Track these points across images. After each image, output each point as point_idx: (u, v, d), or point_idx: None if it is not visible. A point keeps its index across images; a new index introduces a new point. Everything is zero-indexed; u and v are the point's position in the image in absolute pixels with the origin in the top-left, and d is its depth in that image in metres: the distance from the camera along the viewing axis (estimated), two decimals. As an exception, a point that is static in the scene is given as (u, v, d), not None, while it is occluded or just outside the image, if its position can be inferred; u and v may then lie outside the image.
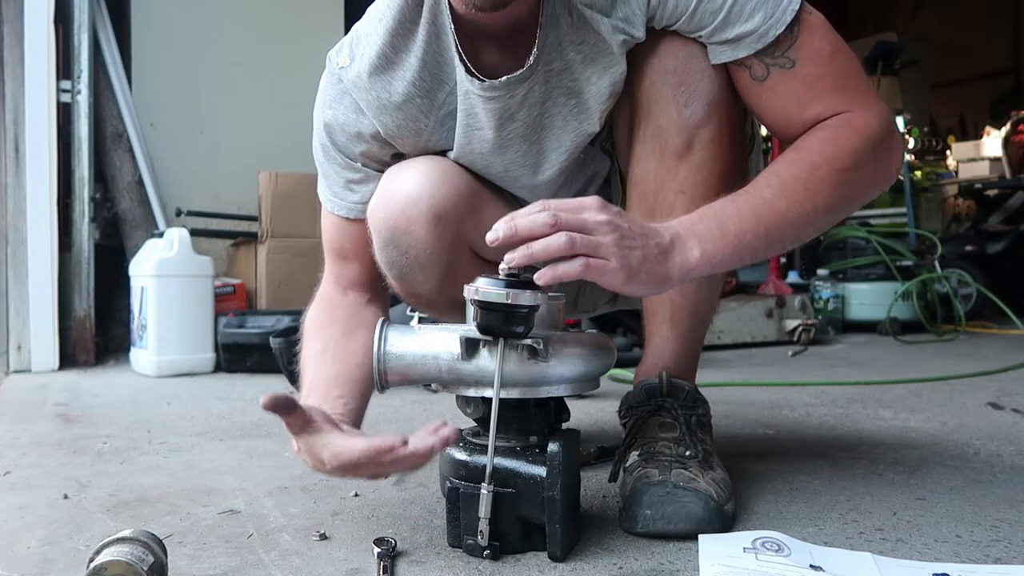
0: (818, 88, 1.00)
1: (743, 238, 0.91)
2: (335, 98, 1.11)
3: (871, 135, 0.98)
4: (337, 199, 1.16)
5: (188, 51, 3.59)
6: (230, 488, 1.23)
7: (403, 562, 0.90)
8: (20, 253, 2.74)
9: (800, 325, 3.49)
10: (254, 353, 2.65)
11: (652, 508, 0.96)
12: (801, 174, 0.95)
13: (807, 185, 0.94)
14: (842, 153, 0.96)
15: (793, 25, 0.98)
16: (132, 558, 0.76)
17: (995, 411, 1.83)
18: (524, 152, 1.10)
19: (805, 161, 0.96)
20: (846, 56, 1.02)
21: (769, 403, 1.97)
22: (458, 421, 1.01)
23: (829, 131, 0.98)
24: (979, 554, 0.91)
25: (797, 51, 0.99)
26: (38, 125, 2.76)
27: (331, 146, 1.13)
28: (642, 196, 1.09)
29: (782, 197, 0.93)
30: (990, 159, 5.58)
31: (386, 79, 1.06)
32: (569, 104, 1.06)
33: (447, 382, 0.93)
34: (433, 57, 1.05)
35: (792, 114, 1.01)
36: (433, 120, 1.09)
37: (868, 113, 0.99)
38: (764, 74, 1.01)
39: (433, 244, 1.07)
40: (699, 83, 1.03)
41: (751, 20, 0.97)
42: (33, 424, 1.78)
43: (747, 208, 0.92)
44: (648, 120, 1.06)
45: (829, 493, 1.15)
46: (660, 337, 1.13)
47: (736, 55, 1.00)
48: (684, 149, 1.04)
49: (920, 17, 8.37)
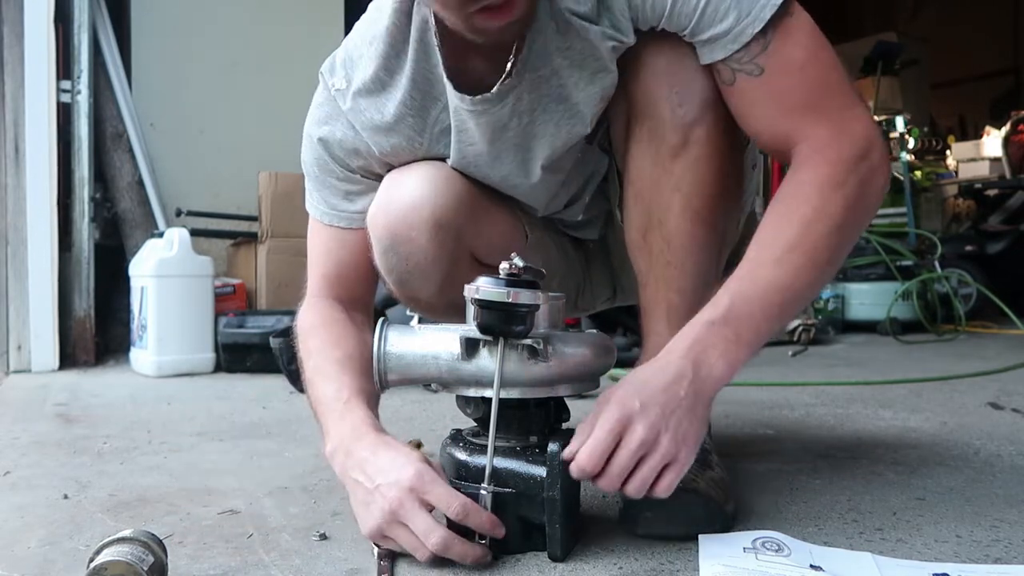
0: (787, 104, 0.97)
1: (759, 330, 0.91)
2: (331, 116, 1.11)
3: (848, 163, 0.93)
4: (334, 211, 1.16)
5: (188, 51, 3.59)
6: (230, 488, 1.23)
7: (403, 562, 0.90)
8: (20, 253, 2.74)
9: (800, 325, 3.49)
10: (254, 353, 2.65)
11: (652, 510, 0.95)
12: (795, 239, 0.92)
13: (805, 248, 0.92)
14: (829, 199, 0.92)
15: (767, 29, 0.94)
16: (132, 558, 0.76)
17: (995, 411, 1.83)
18: (519, 160, 1.10)
19: (797, 222, 0.93)
20: (823, 65, 0.97)
21: (769, 403, 1.97)
22: (458, 421, 1.01)
23: (807, 174, 0.95)
24: (979, 554, 0.91)
25: (767, 57, 0.95)
26: (38, 125, 2.76)
27: (328, 159, 1.13)
28: (638, 194, 1.09)
29: (785, 271, 0.92)
30: (990, 159, 5.57)
31: (380, 101, 1.07)
32: (559, 110, 1.05)
33: (447, 382, 0.93)
34: (423, 75, 1.04)
35: (761, 127, 1.00)
36: (427, 138, 1.08)
37: (841, 136, 0.94)
38: (731, 79, 0.98)
39: (434, 251, 1.07)
40: (691, 83, 1.01)
41: (724, 21, 0.94)
42: (33, 424, 1.78)
43: (755, 296, 0.91)
44: (643, 120, 1.06)
45: (829, 493, 1.15)
46: (657, 336, 1.13)
47: (713, 57, 0.98)
48: (679, 147, 1.04)
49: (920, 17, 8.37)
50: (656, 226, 1.08)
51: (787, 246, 0.92)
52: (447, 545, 0.86)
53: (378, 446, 0.93)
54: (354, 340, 1.10)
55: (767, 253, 0.93)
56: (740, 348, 0.90)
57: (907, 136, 4.78)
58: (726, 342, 0.90)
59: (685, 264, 1.09)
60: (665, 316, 1.11)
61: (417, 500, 0.87)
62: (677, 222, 1.07)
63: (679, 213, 1.06)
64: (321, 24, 3.80)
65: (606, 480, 0.85)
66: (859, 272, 4.14)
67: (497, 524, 0.88)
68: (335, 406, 1.00)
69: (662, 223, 1.08)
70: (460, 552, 0.87)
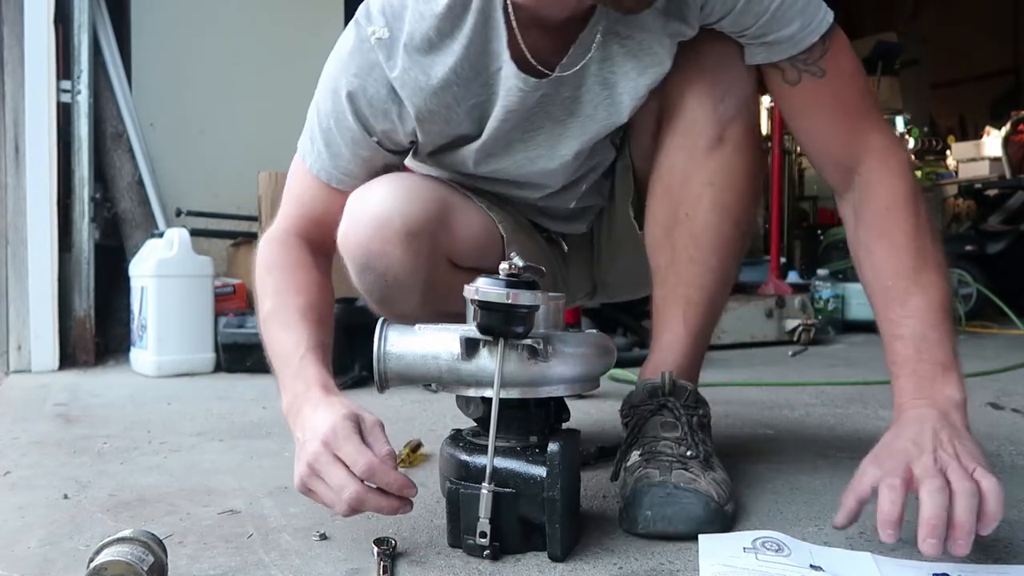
0: (845, 107, 1.06)
1: (948, 345, 0.99)
2: (365, 69, 1.04)
3: (907, 166, 1.06)
4: (334, 170, 1.11)
5: (188, 51, 3.59)
6: (230, 488, 1.23)
7: (403, 562, 0.90)
8: (20, 253, 2.74)
9: (800, 325, 3.49)
10: (254, 353, 2.64)
11: (653, 509, 0.96)
12: (917, 258, 1.02)
13: (928, 263, 1.02)
14: (916, 211, 1.04)
15: (826, 37, 1.03)
16: (132, 558, 0.76)
17: (995, 411, 1.83)
18: (550, 144, 1.10)
19: (909, 244, 1.02)
20: (864, 76, 1.10)
21: (769, 403, 1.97)
22: (458, 421, 1.01)
23: (886, 191, 1.04)
24: (979, 554, 0.91)
25: (827, 63, 1.04)
26: (38, 125, 2.75)
27: (351, 116, 1.07)
28: (667, 189, 1.12)
29: (931, 291, 1.01)
30: (990, 159, 5.57)
31: (426, 62, 1.02)
32: (602, 95, 1.06)
33: (447, 382, 0.93)
34: (478, 47, 1.02)
35: (819, 128, 1.08)
36: (463, 108, 1.06)
37: (891, 141, 1.07)
38: (796, 79, 1.06)
39: (410, 261, 1.06)
40: (734, 81, 1.08)
41: (790, 26, 1.01)
42: (33, 424, 1.78)
43: (928, 326, 1.00)
44: (679, 114, 1.09)
45: (829, 493, 1.15)
46: (672, 334, 1.14)
47: (771, 58, 1.05)
48: (715, 143, 1.08)
49: (920, 17, 8.37)
50: (683, 221, 1.11)
51: (916, 267, 1.01)
52: (361, 499, 0.86)
53: (319, 404, 0.93)
54: (316, 287, 1.09)
55: (904, 283, 1.01)
56: (948, 372, 0.97)
57: (907, 136, 4.79)
58: (937, 374, 0.97)
59: (709, 261, 1.11)
60: (682, 313, 1.13)
61: (330, 455, 0.87)
62: (706, 217, 1.10)
63: (708, 208, 1.09)
64: (321, 24, 3.80)
65: (959, 533, 0.79)
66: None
67: (408, 484, 0.88)
68: (292, 360, 1.00)
69: (690, 217, 1.10)
70: (375, 505, 0.87)
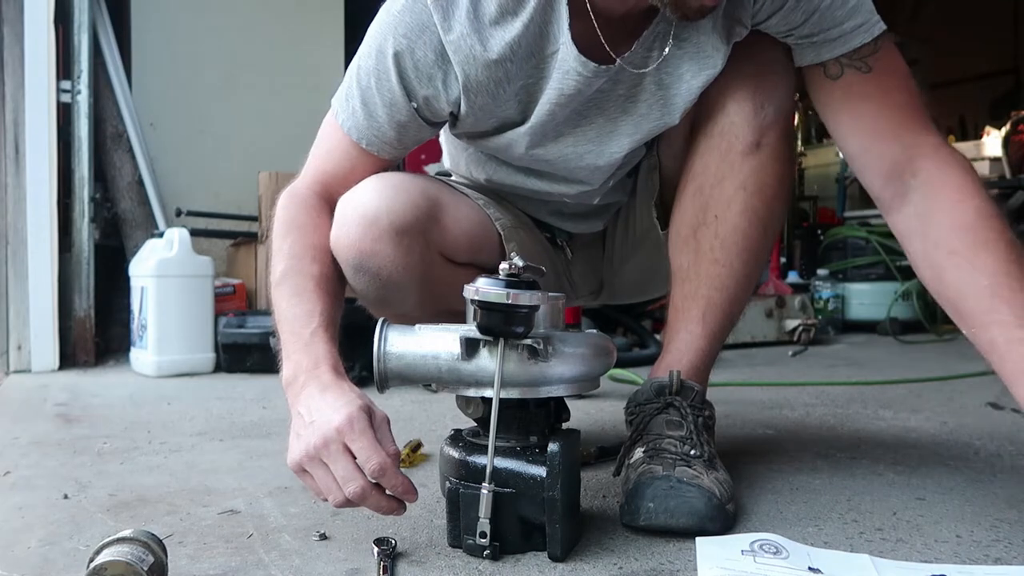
0: (893, 102, 1.04)
1: None
2: (416, 29, 1.01)
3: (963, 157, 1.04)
4: (369, 131, 1.08)
5: (188, 51, 3.59)
6: (230, 488, 1.23)
7: (403, 562, 0.90)
8: (20, 253, 2.74)
9: (800, 325, 3.49)
10: (254, 353, 2.65)
11: (655, 501, 0.96)
12: (1004, 257, 0.97)
13: (1012, 255, 0.97)
14: (989, 212, 1.00)
15: (878, 39, 1.03)
16: (132, 558, 0.76)
17: (995, 411, 1.83)
18: (600, 139, 1.10)
19: (993, 244, 0.98)
20: (914, 82, 1.08)
21: (769, 403, 1.97)
22: (458, 421, 1.02)
23: (958, 195, 1.01)
24: (979, 554, 0.91)
25: (876, 60, 1.04)
26: (38, 125, 2.75)
27: (395, 78, 1.03)
28: (699, 189, 1.12)
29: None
30: (990, 159, 5.56)
31: (484, 33, 1.00)
32: (657, 95, 1.07)
33: (447, 382, 0.93)
34: (537, 28, 1.00)
35: (862, 121, 1.05)
36: (512, 88, 1.04)
37: (942, 139, 1.05)
38: (839, 73, 1.05)
39: (402, 259, 1.05)
40: (776, 87, 1.08)
41: (840, 25, 1.01)
42: (33, 424, 1.78)
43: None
44: (719, 116, 1.09)
45: (829, 493, 1.15)
46: (688, 333, 1.14)
47: (819, 58, 1.05)
48: (752, 147, 1.08)
49: (920, 17, 8.36)
50: (711, 222, 1.11)
51: (1007, 265, 0.96)
52: (364, 495, 0.86)
53: (329, 386, 0.92)
54: (332, 257, 1.07)
55: (1002, 279, 0.96)
56: None
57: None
58: None
59: (734, 264, 1.11)
60: (702, 314, 1.13)
61: (341, 444, 0.87)
62: (735, 220, 1.10)
63: (739, 212, 1.10)
64: (321, 25, 3.80)
65: None
66: (859, 272, 4.13)
67: (411, 490, 0.88)
68: (302, 332, 0.98)
69: (719, 220, 1.10)
70: (375, 504, 0.88)
